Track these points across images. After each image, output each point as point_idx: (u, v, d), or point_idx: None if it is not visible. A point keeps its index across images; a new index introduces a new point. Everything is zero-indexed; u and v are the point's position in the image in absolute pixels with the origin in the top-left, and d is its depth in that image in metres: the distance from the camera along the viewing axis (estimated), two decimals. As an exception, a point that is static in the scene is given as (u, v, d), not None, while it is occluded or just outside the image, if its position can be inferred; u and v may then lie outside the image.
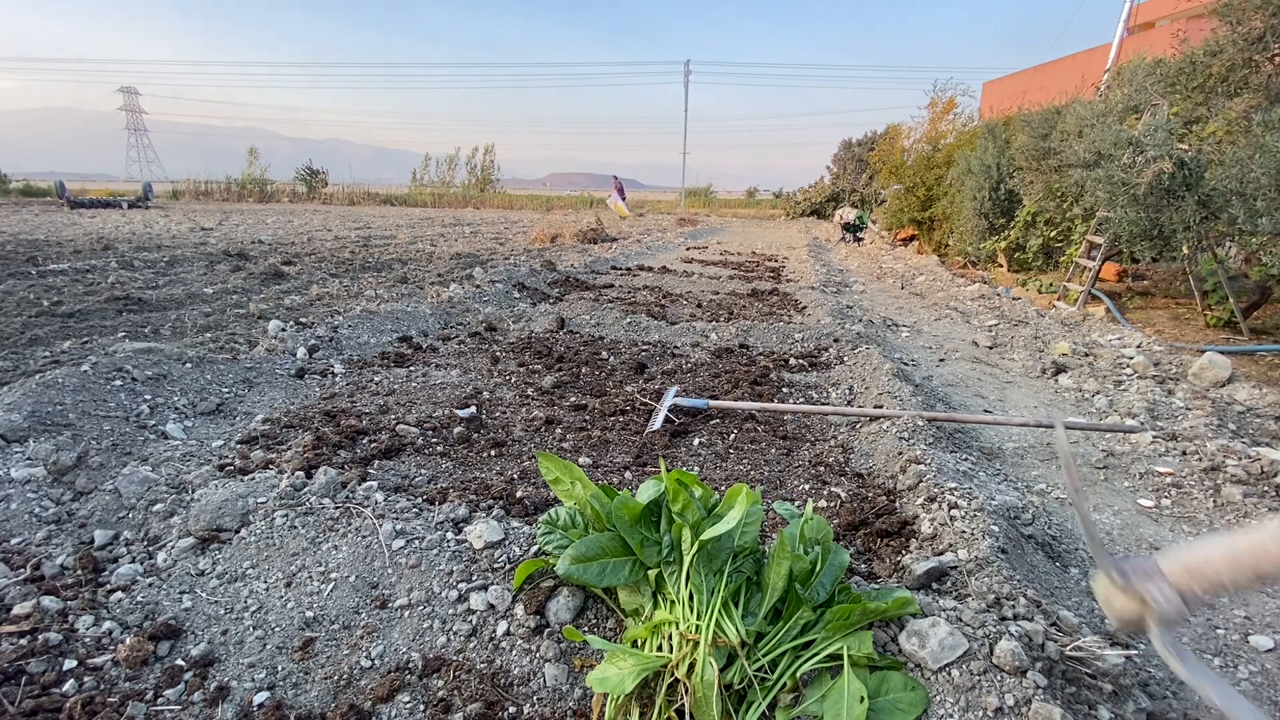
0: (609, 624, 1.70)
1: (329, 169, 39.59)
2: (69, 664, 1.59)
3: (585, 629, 1.68)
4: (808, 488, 2.68)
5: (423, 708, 1.51)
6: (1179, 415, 3.68)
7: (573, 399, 3.65)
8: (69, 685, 1.53)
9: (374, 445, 2.82)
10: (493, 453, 2.89)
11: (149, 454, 2.69)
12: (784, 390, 3.95)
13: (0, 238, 10.74)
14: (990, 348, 5.64)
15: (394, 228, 17.34)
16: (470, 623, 1.69)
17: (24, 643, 1.61)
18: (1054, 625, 1.66)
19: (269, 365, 3.89)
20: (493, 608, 1.72)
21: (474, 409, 3.28)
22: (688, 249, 13.78)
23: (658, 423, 3.23)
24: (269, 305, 5.97)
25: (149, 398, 3.16)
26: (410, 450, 2.84)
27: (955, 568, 1.89)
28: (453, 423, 3.13)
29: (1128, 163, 6.06)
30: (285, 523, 2.02)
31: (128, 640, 1.63)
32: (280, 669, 1.61)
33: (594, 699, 1.47)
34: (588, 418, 3.38)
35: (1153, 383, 4.21)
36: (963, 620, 1.57)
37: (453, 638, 1.67)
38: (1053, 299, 7.97)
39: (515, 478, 2.64)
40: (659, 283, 8.37)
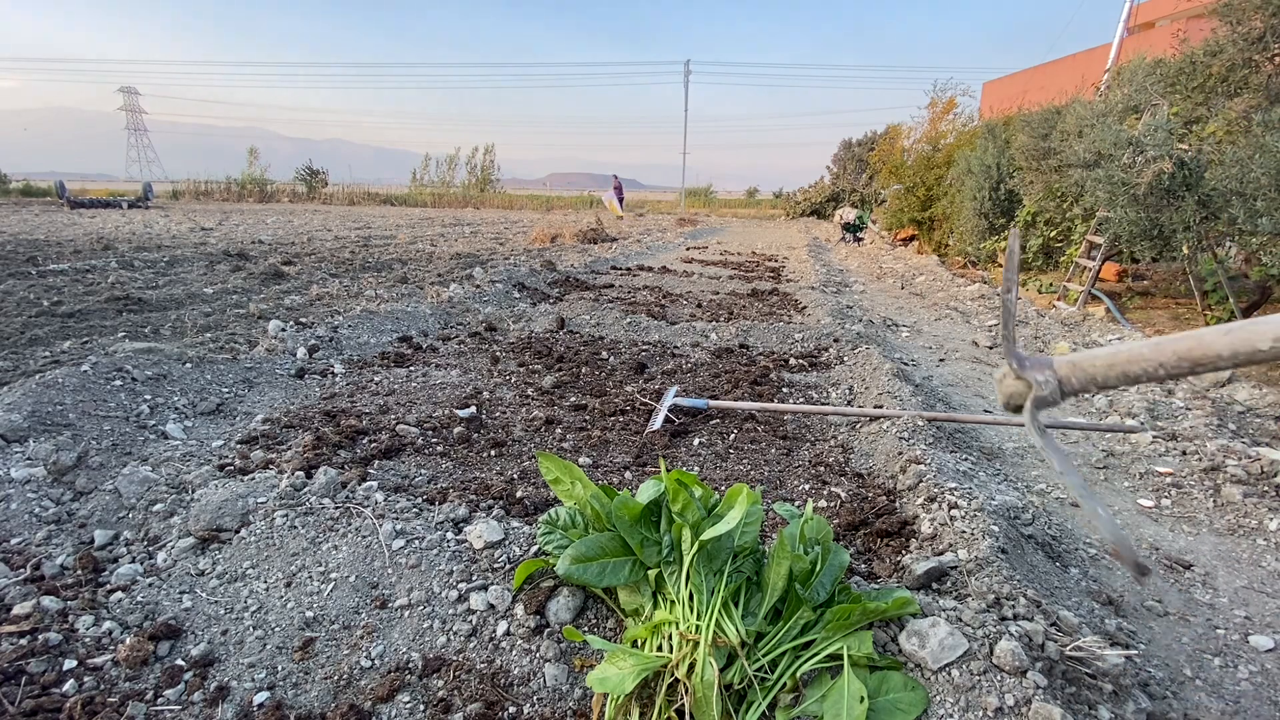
0: (609, 624, 1.70)
1: (329, 169, 39.58)
2: (69, 664, 1.59)
3: (585, 629, 1.68)
4: (808, 488, 2.68)
5: (423, 708, 1.51)
6: (1179, 415, 3.68)
7: (573, 399, 3.65)
8: (69, 685, 1.53)
9: (374, 445, 2.82)
10: (493, 453, 2.89)
11: (149, 454, 2.69)
12: (784, 390, 3.95)
13: (0, 238, 10.74)
14: (990, 348, 5.64)
15: (394, 228, 17.34)
16: (470, 623, 1.69)
17: (24, 643, 1.61)
18: (1054, 625, 1.66)
19: (269, 365, 3.89)
20: (493, 608, 1.72)
21: (474, 409, 3.29)
22: (688, 249, 13.78)
23: (658, 423, 3.23)
24: (269, 305, 5.97)
25: (149, 398, 3.16)
26: (410, 450, 2.84)
27: (955, 568, 1.89)
28: (453, 423, 3.13)
29: (1128, 163, 6.06)
30: (285, 523, 2.02)
31: (128, 640, 1.63)
32: (280, 669, 1.61)
33: (594, 699, 1.47)
34: (588, 418, 3.38)
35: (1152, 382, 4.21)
36: (963, 620, 1.57)
37: (453, 638, 1.67)
38: (1053, 299, 7.97)
39: (515, 478, 2.64)
40: (659, 283, 8.37)
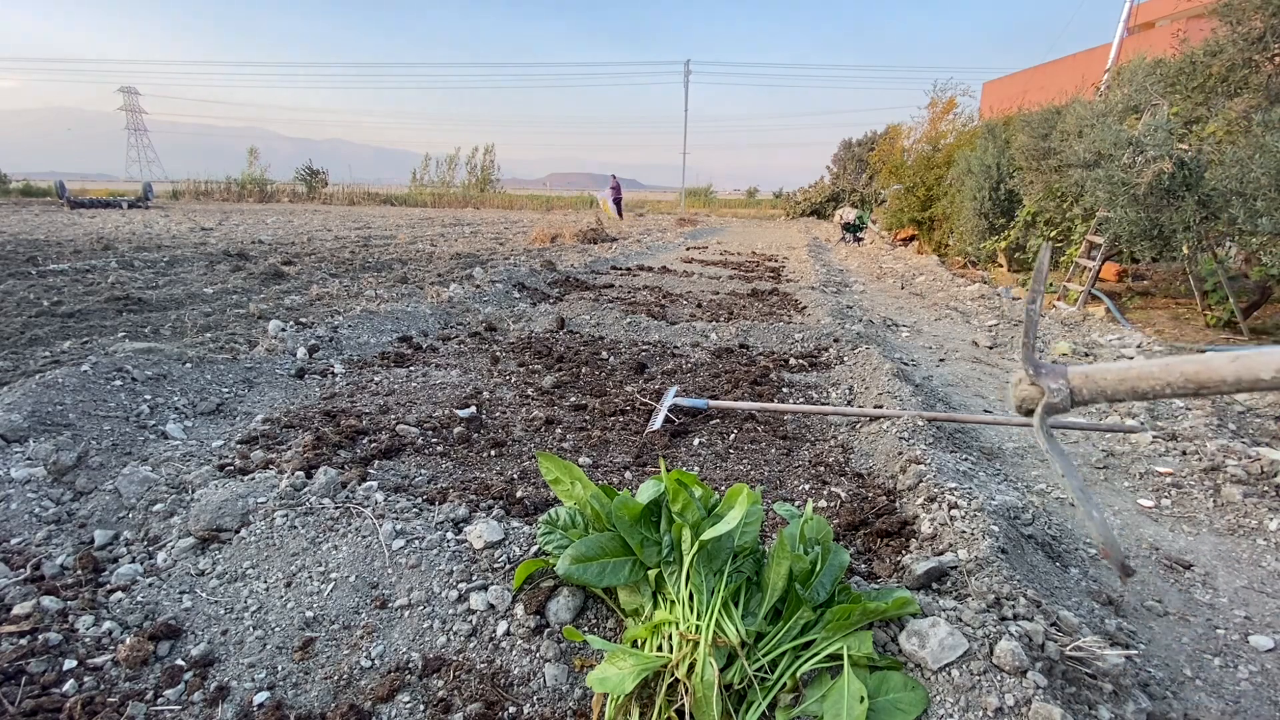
0: (609, 624, 1.70)
1: (329, 169, 39.59)
2: (69, 664, 1.59)
3: (585, 629, 1.68)
4: (808, 488, 2.68)
5: (423, 708, 1.51)
6: (1179, 415, 3.68)
7: (573, 399, 3.65)
8: (69, 685, 1.53)
9: (374, 445, 2.82)
10: (493, 453, 2.89)
11: (149, 454, 2.69)
12: (784, 390, 3.95)
13: (0, 238, 10.74)
14: (990, 348, 5.64)
15: (394, 228, 17.34)
16: (470, 623, 1.69)
17: (24, 643, 1.61)
18: (1054, 625, 1.66)
19: (269, 365, 3.89)
20: (493, 608, 1.72)
21: (474, 409, 3.28)
22: (688, 249, 13.79)
23: (658, 423, 3.23)
24: (269, 305, 5.97)
25: (149, 398, 3.16)
26: (410, 450, 2.84)
27: (955, 568, 1.89)
28: (453, 423, 3.13)
29: (1128, 163, 6.06)
30: (285, 523, 2.02)
31: (128, 640, 1.63)
32: (280, 669, 1.61)
33: (594, 699, 1.47)
34: (588, 418, 3.38)
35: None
36: (963, 620, 1.57)
37: (453, 638, 1.67)
38: (1053, 299, 7.97)
39: (515, 478, 2.64)
40: (659, 283, 8.37)
